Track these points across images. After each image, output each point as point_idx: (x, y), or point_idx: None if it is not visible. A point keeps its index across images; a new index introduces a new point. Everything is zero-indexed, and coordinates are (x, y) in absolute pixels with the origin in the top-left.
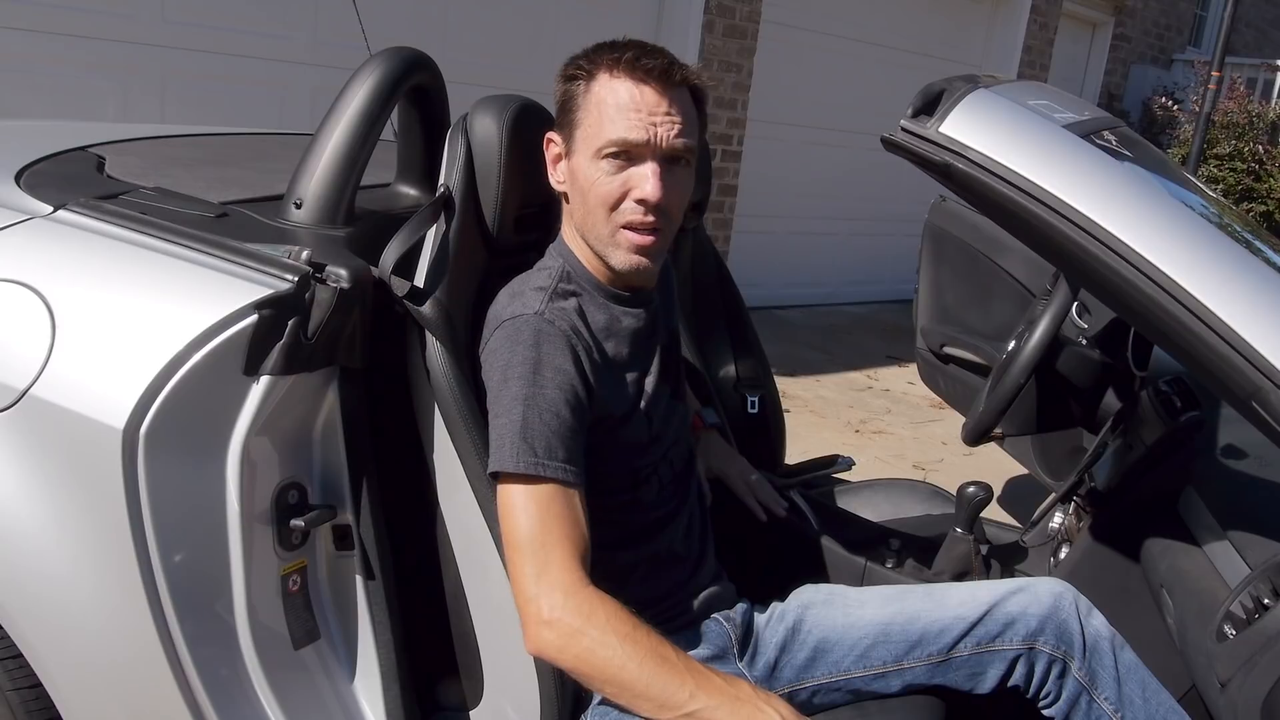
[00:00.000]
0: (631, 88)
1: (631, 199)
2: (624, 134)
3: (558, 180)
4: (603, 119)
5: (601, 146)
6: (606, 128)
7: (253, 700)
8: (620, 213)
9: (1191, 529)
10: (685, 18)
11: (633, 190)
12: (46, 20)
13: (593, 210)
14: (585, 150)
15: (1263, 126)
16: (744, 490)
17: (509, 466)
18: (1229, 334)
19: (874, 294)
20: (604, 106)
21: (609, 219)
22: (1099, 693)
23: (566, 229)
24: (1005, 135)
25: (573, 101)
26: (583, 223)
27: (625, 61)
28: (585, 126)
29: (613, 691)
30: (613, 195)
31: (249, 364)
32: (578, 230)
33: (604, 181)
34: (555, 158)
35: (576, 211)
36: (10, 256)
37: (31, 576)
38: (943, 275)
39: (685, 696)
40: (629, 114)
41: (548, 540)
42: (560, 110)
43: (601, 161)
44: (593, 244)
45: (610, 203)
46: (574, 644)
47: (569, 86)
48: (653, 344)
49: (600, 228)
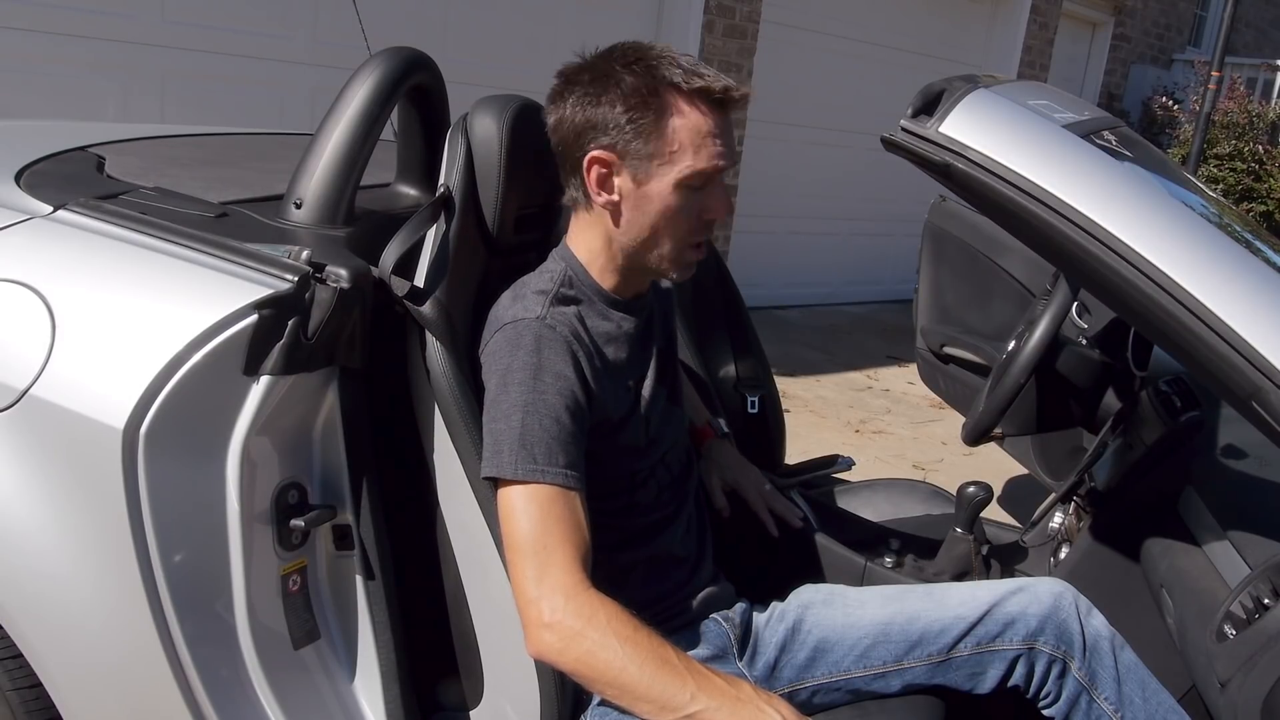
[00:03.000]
0: (712, 117)
1: (704, 219)
2: (712, 163)
3: (609, 200)
4: (688, 149)
5: (688, 178)
6: (693, 159)
7: (253, 700)
8: (693, 233)
9: (1191, 529)
10: (685, 18)
11: (706, 213)
12: (46, 20)
13: (666, 235)
14: (663, 177)
15: (1263, 126)
16: (758, 502)
17: (508, 474)
18: (1229, 334)
19: (874, 294)
20: (685, 135)
21: (682, 240)
22: (1099, 693)
23: (578, 235)
24: (1005, 135)
25: (639, 125)
26: (639, 243)
27: (718, 93)
28: (665, 154)
29: (614, 694)
30: (693, 220)
31: (249, 364)
32: (622, 245)
33: (685, 210)
34: (604, 176)
35: (633, 230)
36: (10, 256)
37: (31, 576)
38: (943, 275)
39: (686, 698)
40: (712, 143)
41: (548, 543)
42: (613, 128)
43: (683, 189)
44: (648, 262)
45: (689, 228)
46: (575, 646)
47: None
48: (650, 347)
49: (668, 248)
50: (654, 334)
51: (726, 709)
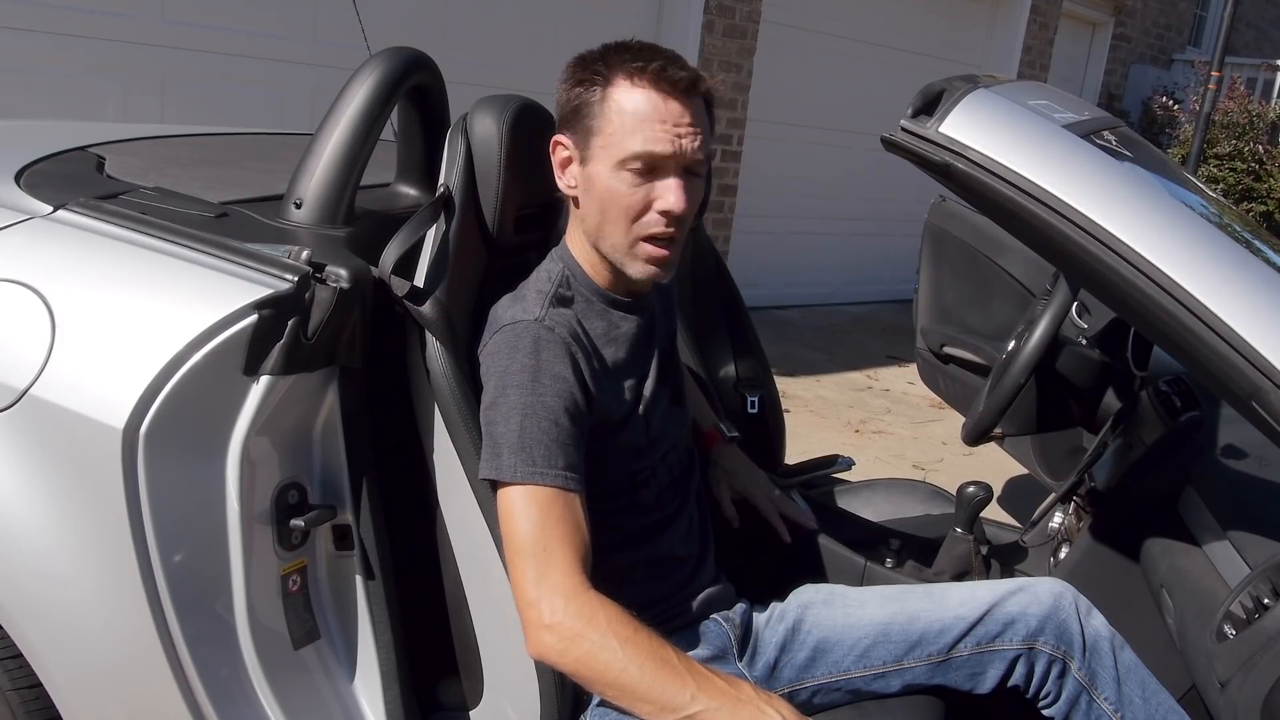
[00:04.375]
0: (656, 99)
1: (655, 210)
2: (651, 147)
3: (567, 185)
4: (625, 129)
5: (625, 158)
6: (630, 139)
7: (253, 700)
8: (642, 225)
9: (1191, 529)
10: (685, 18)
11: (656, 202)
12: (46, 20)
13: (612, 220)
14: (605, 159)
15: (1263, 126)
16: (769, 509)
17: (507, 476)
18: (1229, 334)
19: (874, 294)
20: (625, 116)
21: (629, 230)
22: (1099, 693)
23: (572, 233)
24: (1005, 135)
25: (588, 106)
26: (597, 230)
27: (651, 71)
28: (605, 134)
29: (614, 694)
30: (635, 207)
31: (249, 364)
32: (588, 236)
33: (626, 193)
34: (564, 161)
35: (589, 218)
36: (10, 256)
37: (31, 576)
38: (943, 275)
39: (686, 699)
40: (654, 126)
41: (548, 544)
42: (571, 113)
43: (623, 172)
44: (607, 252)
45: (633, 214)
46: (575, 647)
47: (582, 90)
48: (651, 347)
49: (618, 238)
50: (655, 333)
51: (727, 709)
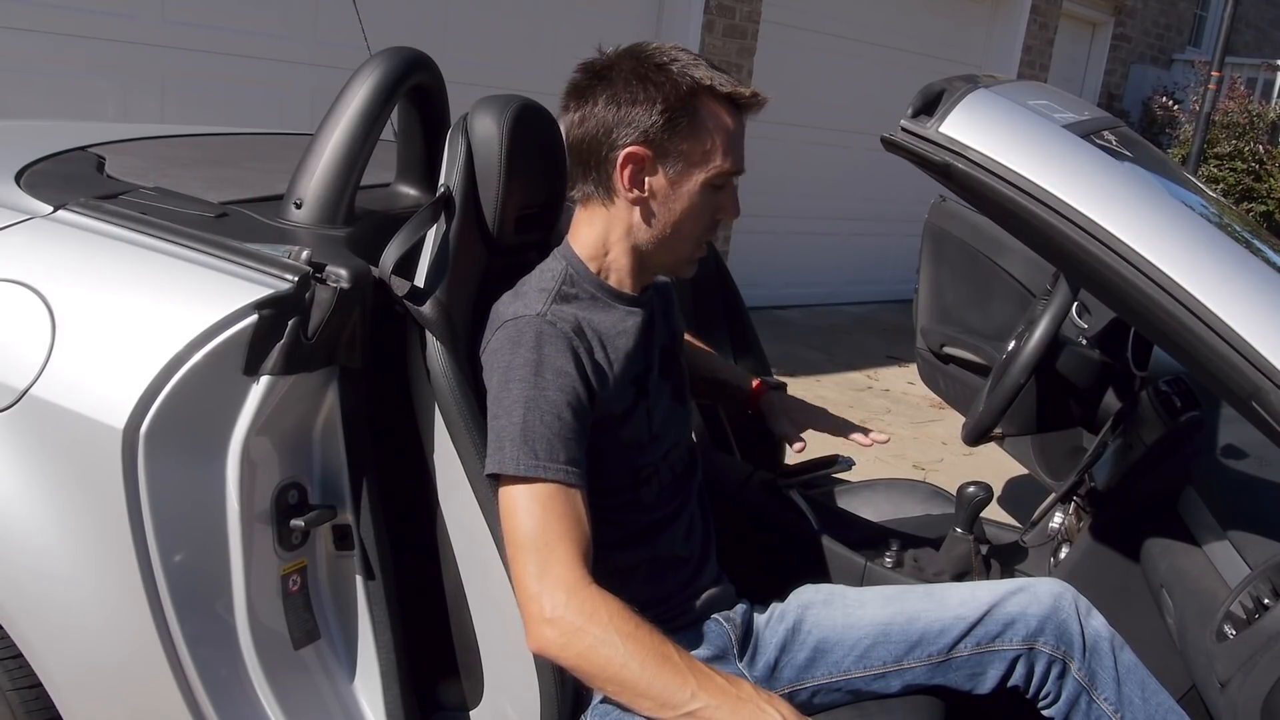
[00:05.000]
0: (740, 121)
1: (715, 219)
2: (737, 166)
3: (639, 195)
4: (718, 150)
5: (714, 178)
6: (723, 159)
7: (253, 700)
8: (706, 232)
9: (1191, 529)
10: (685, 18)
11: (720, 212)
12: (46, 20)
13: (687, 232)
14: (694, 176)
15: (1263, 126)
16: (842, 429)
17: (509, 469)
18: (1229, 334)
19: (874, 294)
20: (717, 136)
21: (699, 239)
22: (1098, 693)
23: (590, 231)
24: (1005, 135)
25: (676, 125)
26: (663, 239)
27: (748, 97)
28: (699, 153)
29: (614, 690)
30: (709, 220)
31: (249, 364)
32: (638, 241)
33: (706, 208)
34: (637, 172)
35: (655, 226)
36: (10, 256)
37: (31, 576)
38: (943, 275)
39: (687, 696)
40: (739, 146)
41: (550, 539)
42: (650, 127)
43: (709, 188)
44: (663, 259)
45: (706, 226)
46: (576, 642)
47: (669, 111)
48: (652, 343)
49: (685, 247)
50: (656, 331)
51: (727, 708)
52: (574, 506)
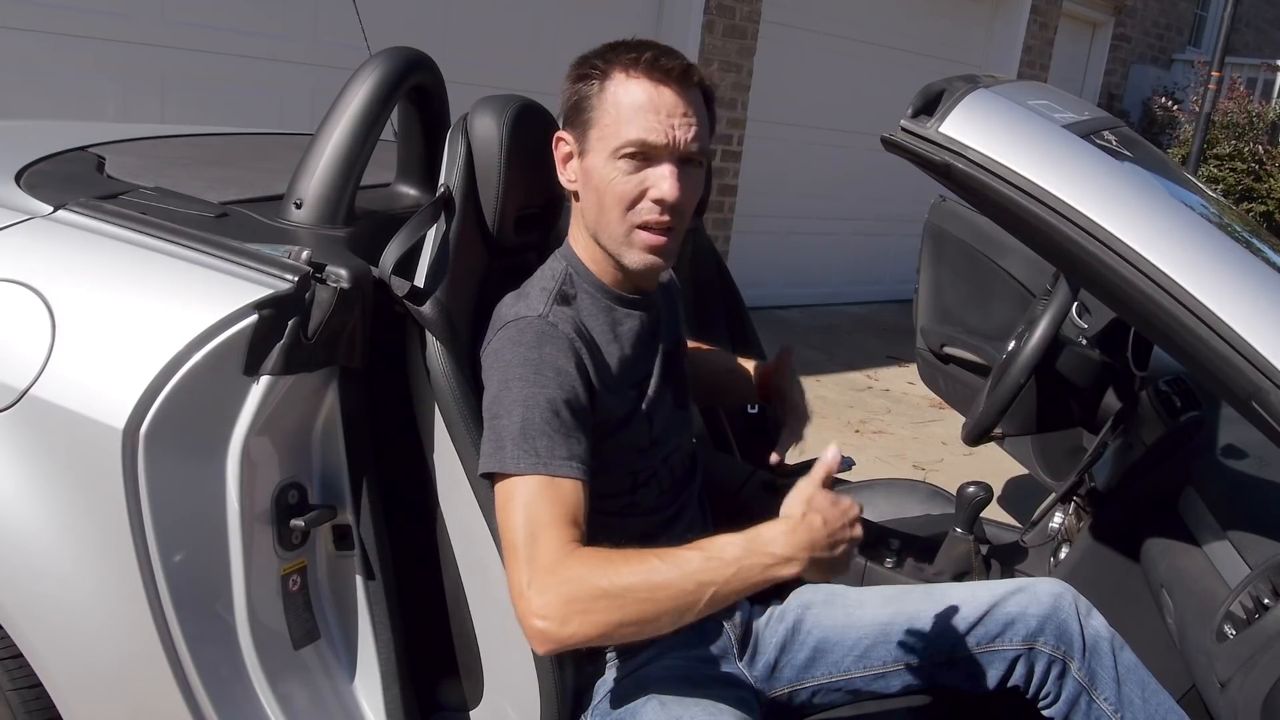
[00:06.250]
0: (650, 88)
1: (649, 199)
2: (643, 135)
3: (568, 179)
4: (620, 119)
5: (619, 146)
6: (624, 128)
7: (253, 700)
8: (636, 212)
9: (1191, 529)
10: (685, 18)
11: (650, 190)
12: (46, 20)
13: (608, 209)
14: (601, 150)
15: (1263, 126)
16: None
17: (510, 468)
18: (1229, 334)
19: (874, 294)
20: (621, 107)
21: (624, 218)
22: (1098, 693)
23: (575, 230)
24: (1005, 135)
25: (586, 101)
26: (595, 222)
27: (644, 61)
28: (601, 126)
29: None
30: (629, 195)
31: (249, 364)
32: (589, 230)
33: (621, 181)
34: (565, 156)
35: (589, 211)
36: (10, 256)
37: (31, 576)
38: (943, 275)
39: (694, 592)
40: (647, 115)
41: (535, 530)
42: (572, 109)
43: (619, 161)
44: (606, 244)
45: (627, 202)
46: (568, 627)
47: (581, 85)
48: (654, 346)
49: (615, 227)
50: (660, 334)
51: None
52: (571, 496)
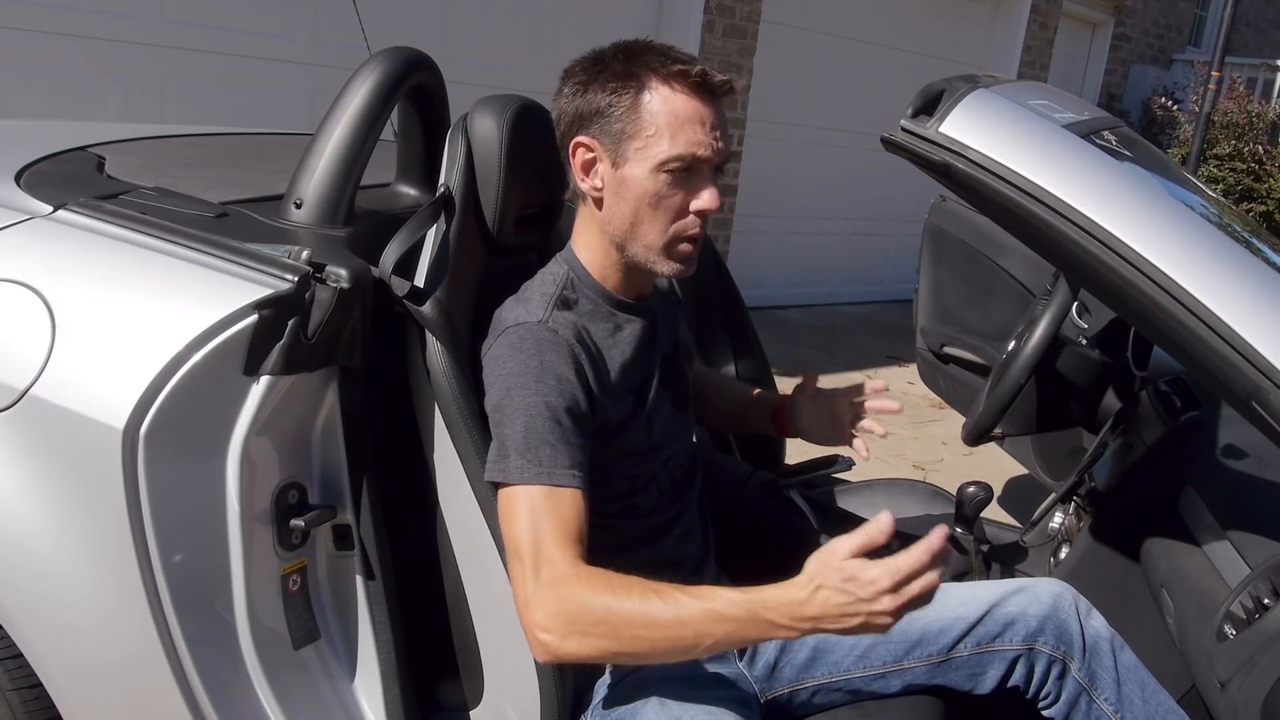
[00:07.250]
0: (696, 103)
1: (692, 211)
2: (693, 150)
3: (593, 186)
4: (665, 132)
5: (666, 160)
6: (672, 143)
7: (253, 700)
8: (680, 225)
9: (1191, 529)
10: (685, 18)
11: (693, 203)
12: (46, 20)
13: (647, 220)
14: (643, 161)
15: (1263, 126)
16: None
17: (514, 478)
18: (1229, 334)
19: (874, 294)
20: (662, 119)
21: (667, 231)
22: (1098, 693)
23: (583, 234)
24: (1005, 135)
25: (616, 109)
26: (626, 231)
27: (695, 75)
28: (642, 138)
29: (629, 661)
30: (675, 207)
31: (249, 364)
32: (612, 237)
33: (668, 194)
34: (588, 163)
35: (616, 219)
36: (10, 256)
37: (31, 576)
38: (943, 275)
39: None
40: (696, 129)
41: (540, 540)
42: (594, 115)
43: (663, 174)
44: (635, 252)
45: (673, 214)
46: (568, 644)
47: (611, 94)
48: (654, 351)
49: (654, 238)
50: (659, 338)
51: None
52: (570, 506)
